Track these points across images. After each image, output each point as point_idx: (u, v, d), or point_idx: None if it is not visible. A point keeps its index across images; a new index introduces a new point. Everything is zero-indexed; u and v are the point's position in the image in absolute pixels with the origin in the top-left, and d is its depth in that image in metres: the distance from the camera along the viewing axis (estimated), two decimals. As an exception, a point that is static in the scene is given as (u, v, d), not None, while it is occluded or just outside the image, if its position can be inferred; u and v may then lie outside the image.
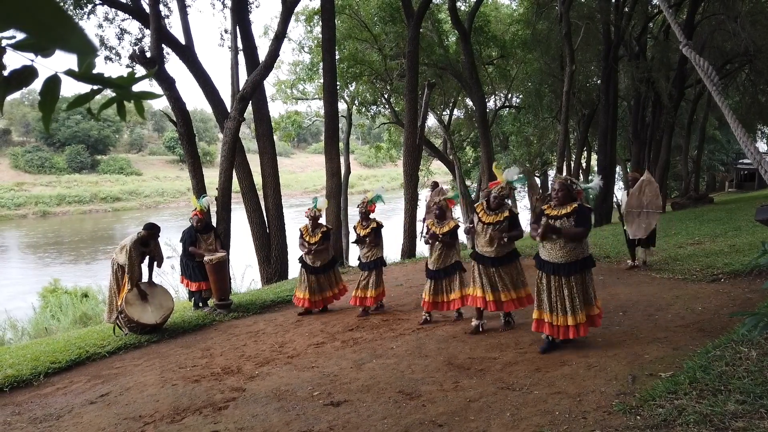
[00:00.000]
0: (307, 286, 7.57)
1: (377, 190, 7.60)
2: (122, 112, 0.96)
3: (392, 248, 12.34)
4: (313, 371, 5.17)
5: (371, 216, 7.41)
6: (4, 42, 0.81)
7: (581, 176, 22.70)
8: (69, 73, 0.86)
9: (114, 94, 0.94)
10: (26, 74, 0.85)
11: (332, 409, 4.21)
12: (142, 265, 7.15)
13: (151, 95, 0.98)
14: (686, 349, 4.65)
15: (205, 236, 8.09)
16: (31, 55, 0.82)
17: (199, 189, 10.04)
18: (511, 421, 3.74)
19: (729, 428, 3.19)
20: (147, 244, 7.03)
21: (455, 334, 5.97)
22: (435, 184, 11.37)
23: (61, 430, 4.29)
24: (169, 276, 11.14)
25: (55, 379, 5.64)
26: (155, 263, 7.26)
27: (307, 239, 7.59)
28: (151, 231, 7.05)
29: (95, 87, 0.90)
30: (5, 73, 0.84)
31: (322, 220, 8.05)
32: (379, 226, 7.36)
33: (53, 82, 0.86)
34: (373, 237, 7.23)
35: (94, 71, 0.89)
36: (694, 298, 6.39)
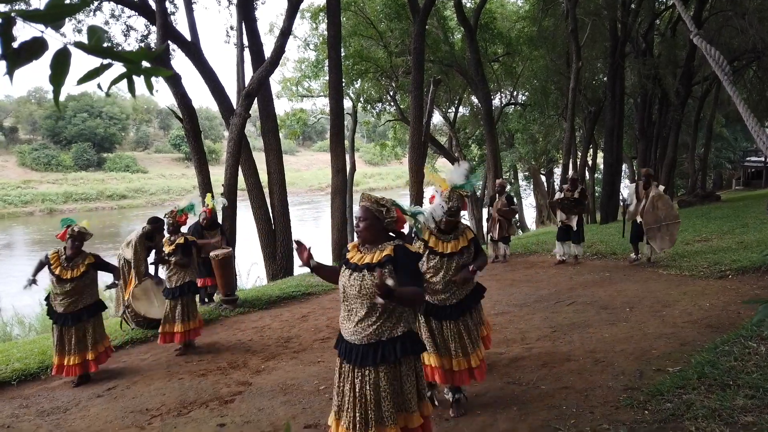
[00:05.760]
0: (56, 344, 5.28)
1: (191, 198, 6.56)
2: (132, 88, 0.94)
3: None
4: (319, 366, 5.17)
5: (182, 230, 6.24)
6: (14, 13, 0.80)
7: (587, 174, 22.65)
8: (79, 45, 0.85)
9: (124, 71, 0.93)
10: (36, 46, 0.84)
11: (338, 403, 4.21)
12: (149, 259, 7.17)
13: (162, 71, 0.97)
14: (694, 345, 4.63)
15: (211, 233, 8.09)
16: (41, 27, 0.81)
17: (205, 185, 10.07)
18: (518, 416, 3.73)
19: (738, 423, 3.17)
20: (152, 238, 7.04)
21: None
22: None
23: (68, 423, 4.31)
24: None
25: (62, 372, 5.66)
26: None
27: (57, 272, 5.22)
28: (156, 225, 7.06)
29: (105, 61, 0.89)
30: (15, 45, 0.83)
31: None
32: (188, 242, 6.13)
33: (63, 55, 0.85)
34: (179, 256, 5.95)
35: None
36: (701, 295, 6.36)
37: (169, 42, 10.16)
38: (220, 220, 8.79)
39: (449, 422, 3.73)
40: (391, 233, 3.01)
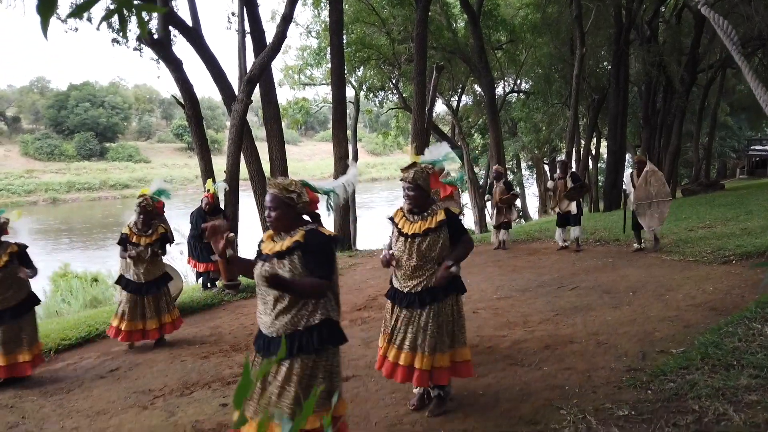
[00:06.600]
0: None
1: (157, 182, 6.05)
2: (124, 26, 0.92)
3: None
4: (321, 348, 5.16)
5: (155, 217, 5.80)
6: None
7: (590, 163, 22.57)
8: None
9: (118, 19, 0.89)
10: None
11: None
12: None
13: (154, 8, 0.94)
14: (697, 327, 4.61)
15: (214, 218, 8.09)
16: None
17: (207, 172, 10.04)
18: (520, 396, 3.73)
19: (742, 401, 3.16)
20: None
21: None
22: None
23: (71, 403, 4.33)
24: (178, 262, 11.19)
25: (65, 355, 5.69)
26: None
27: None
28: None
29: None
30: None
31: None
32: (167, 231, 5.87)
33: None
34: (159, 245, 5.66)
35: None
36: (705, 279, 6.33)
37: (171, 27, 10.09)
38: (222, 206, 8.79)
39: (452, 402, 3.72)
40: (306, 216, 2.86)
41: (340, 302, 2.92)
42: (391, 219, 3.64)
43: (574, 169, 11.31)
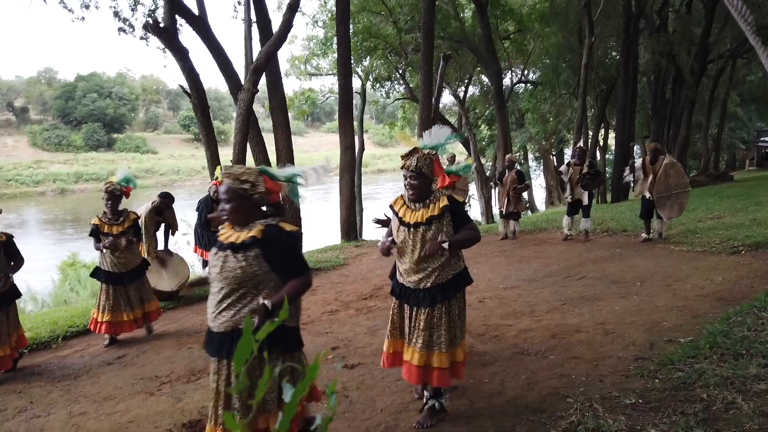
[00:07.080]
0: None
1: (122, 171, 5.72)
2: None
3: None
4: (327, 337, 5.18)
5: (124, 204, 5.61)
6: None
7: (598, 154, 22.43)
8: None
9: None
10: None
11: (346, 371, 4.22)
12: (158, 233, 7.21)
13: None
14: (706, 317, 4.58)
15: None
16: None
17: (214, 161, 10.05)
18: (527, 384, 3.72)
19: (751, 390, 3.14)
20: (161, 212, 7.09)
21: (470, 303, 5.92)
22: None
23: (78, 389, 4.36)
24: (184, 252, 11.22)
25: (72, 342, 5.72)
26: (170, 231, 7.33)
27: None
28: (166, 199, 7.13)
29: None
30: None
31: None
32: (138, 218, 5.76)
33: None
34: (132, 234, 5.48)
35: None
36: (713, 270, 6.28)
37: (177, 16, 10.06)
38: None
39: (457, 389, 3.71)
40: (266, 207, 2.68)
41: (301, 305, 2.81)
42: (392, 207, 3.44)
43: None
